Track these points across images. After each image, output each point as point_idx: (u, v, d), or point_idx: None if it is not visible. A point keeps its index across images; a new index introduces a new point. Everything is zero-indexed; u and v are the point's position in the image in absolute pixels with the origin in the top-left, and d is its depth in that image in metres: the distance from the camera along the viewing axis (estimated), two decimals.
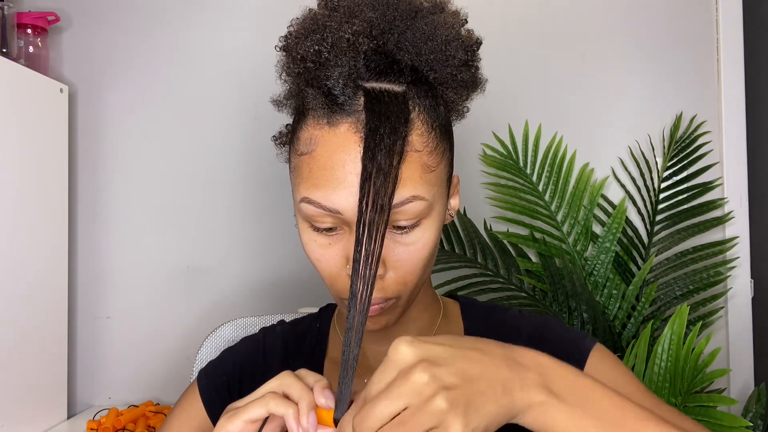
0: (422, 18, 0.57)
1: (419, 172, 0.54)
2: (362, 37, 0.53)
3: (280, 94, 0.62)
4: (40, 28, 1.48)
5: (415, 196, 0.53)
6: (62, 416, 1.47)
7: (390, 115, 0.52)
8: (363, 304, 0.47)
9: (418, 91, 0.55)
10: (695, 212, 1.41)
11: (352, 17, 0.54)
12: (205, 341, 0.93)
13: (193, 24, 1.59)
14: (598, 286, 1.37)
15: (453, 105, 0.61)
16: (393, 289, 0.57)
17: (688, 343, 0.99)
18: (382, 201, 0.49)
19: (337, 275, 0.57)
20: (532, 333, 0.67)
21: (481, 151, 1.50)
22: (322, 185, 0.53)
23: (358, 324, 0.47)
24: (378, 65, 0.55)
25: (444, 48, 0.56)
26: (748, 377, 1.46)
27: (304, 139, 0.55)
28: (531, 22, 1.52)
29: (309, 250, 0.58)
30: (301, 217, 0.57)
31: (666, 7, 1.50)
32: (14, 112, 1.31)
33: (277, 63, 0.59)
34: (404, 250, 0.56)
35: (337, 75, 0.53)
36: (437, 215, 0.57)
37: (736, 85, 1.47)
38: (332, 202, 0.53)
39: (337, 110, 0.53)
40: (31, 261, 1.36)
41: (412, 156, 0.53)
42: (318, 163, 0.53)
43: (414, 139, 0.54)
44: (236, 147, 1.57)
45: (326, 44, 0.53)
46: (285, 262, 1.55)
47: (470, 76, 0.60)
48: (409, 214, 0.54)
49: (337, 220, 0.54)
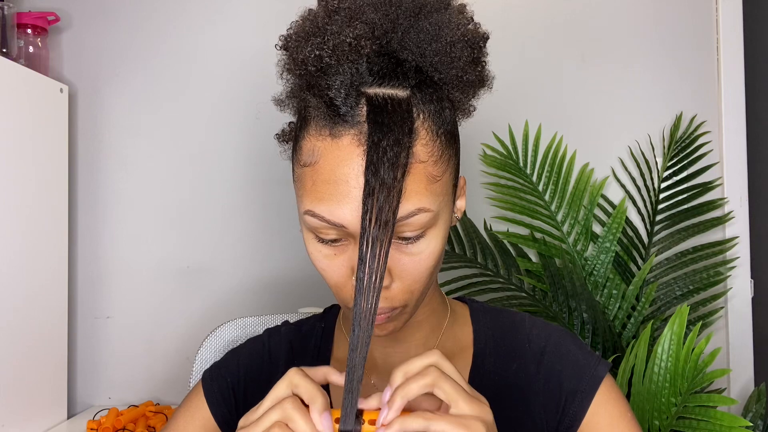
0: (426, 16, 0.55)
1: (424, 184, 0.52)
2: (364, 40, 0.52)
3: (282, 93, 0.61)
4: (40, 28, 1.48)
5: (421, 209, 0.52)
6: (62, 416, 1.47)
7: (393, 126, 0.50)
8: (367, 322, 0.46)
9: (422, 95, 0.54)
10: (695, 212, 1.41)
11: (354, 20, 0.53)
12: (205, 341, 0.93)
13: (194, 24, 1.59)
14: (598, 286, 1.37)
15: (459, 104, 0.60)
16: (399, 298, 0.56)
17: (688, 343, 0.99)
18: (386, 216, 0.48)
19: (343, 285, 0.56)
20: (543, 344, 0.67)
21: (481, 151, 1.50)
22: (326, 199, 0.52)
23: (362, 344, 0.46)
24: (381, 68, 0.53)
25: (449, 50, 0.55)
26: (748, 377, 1.46)
27: (307, 149, 0.54)
28: (531, 21, 1.52)
29: (314, 260, 0.57)
30: (306, 228, 0.56)
31: (666, 7, 1.50)
32: (14, 112, 1.31)
33: (278, 62, 0.58)
34: (410, 260, 0.55)
35: (339, 84, 0.52)
36: (443, 223, 0.56)
37: (736, 85, 1.47)
38: (336, 216, 0.52)
39: (339, 121, 0.51)
40: (31, 261, 1.36)
41: (417, 167, 0.52)
42: (321, 176, 0.52)
43: (418, 149, 0.52)
44: (237, 147, 1.57)
45: (327, 49, 0.52)
46: (285, 262, 1.55)
47: (477, 75, 0.58)
48: (415, 226, 0.53)
49: (341, 233, 0.54)
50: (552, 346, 0.67)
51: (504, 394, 0.65)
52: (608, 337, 1.26)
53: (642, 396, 1.01)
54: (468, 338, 0.69)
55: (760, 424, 1.22)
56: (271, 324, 0.92)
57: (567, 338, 0.68)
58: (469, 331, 0.69)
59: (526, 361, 0.66)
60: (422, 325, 0.67)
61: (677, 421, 0.98)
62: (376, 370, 0.68)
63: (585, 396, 0.64)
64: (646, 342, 1.06)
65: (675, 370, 0.99)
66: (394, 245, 0.54)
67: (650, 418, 1.00)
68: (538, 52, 1.52)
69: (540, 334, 0.68)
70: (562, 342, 0.67)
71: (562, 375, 0.65)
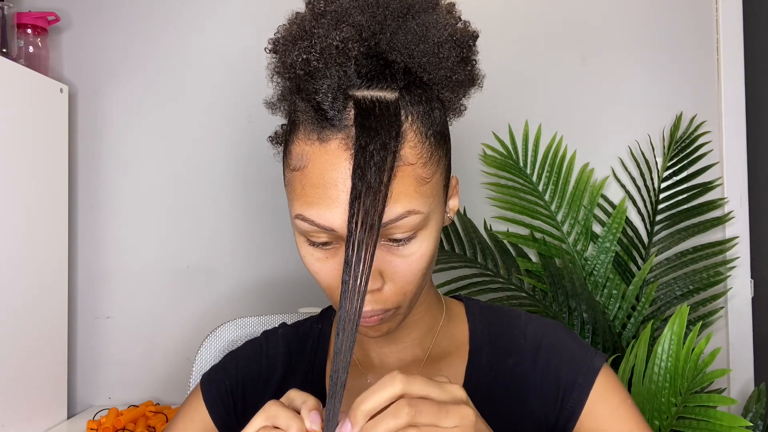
0: (414, 17, 0.55)
1: (413, 186, 0.52)
2: (352, 43, 0.52)
3: (272, 96, 0.61)
4: (40, 28, 1.48)
5: (410, 211, 0.52)
6: (62, 416, 1.47)
7: (380, 130, 0.50)
8: (352, 326, 0.46)
9: (411, 97, 0.54)
10: (695, 212, 1.41)
11: (340, 23, 0.53)
12: (205, 341, 0.93)
13: (194, 24, 1.59)
14: (598, 286, 1.37)
15: (450, 104, 0.60)
16: (392, 300, 0.56)
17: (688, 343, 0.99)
18: (371, 220, 0.48)
19: (336, 287, 0.56)
20: (539, 340, 0.67)
21: (481, 151, 1.50)
22: (315, 203, 0.52)
23: (346, 348, 0.46)
24: (369, 70, 0.53)
25: (437, 50, 0.54)
26: (748, 377, 1.46)
27: (296, 154, 0.54)
28: (531, 21, 1.52)
29: (307, 263, 0.57)
30: (297, 231, 0.56)
31: (666, 7, 1.50)
32: (14, 112, 1.31)
33: (268, 65, 0.58)
34: (401, 261, 0.55)
35: (326, 88, 0.51)
36: (435, 224, 0.56)
37: (736, 85, 1.47)
38: (326, 220, 0.52)
39: (327, 125, 0.51)
40: (31, 261, 1.36)
41: (405, 170, 0.52)
42: (310, 181, 0.52)
43: (407, 152, 0.52)
44: (236, 147, 1.57)
45: (315, 52, 0.52)
46: (285, 262, 1.55)
47: (466, 74, 0.58)
48: (405, 228, 0.53)
49: (332, 236, 0.54)
50: (548, 341, 0.67)
51: (501, 390, 0.65)
52: (608, 337, 1.26)
53: (642, 396, 1.01)
54: (464, 336, 0.69)
55: (760, 424, 1.22)
56: (270, 324, 0.92)
57: (562, 333, 0.68)
58: (465, 328, 0.70)
59: (522, 357, 0.66)
60: (418, 324, 0.67)
61: (677, 421, 0.98)
62: (373, 370, 0.68)
63: (583, 388, 0.64)
64: (646, 342, 1.06)
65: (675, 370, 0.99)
66: (385, 247, 0.54)
67: (650, 418, 1.00)
68: (538, 52, 1.52)
69: (535, 329, 0.68)
70: (558, 336, 0.68)
71: (559, 368, 0.65)
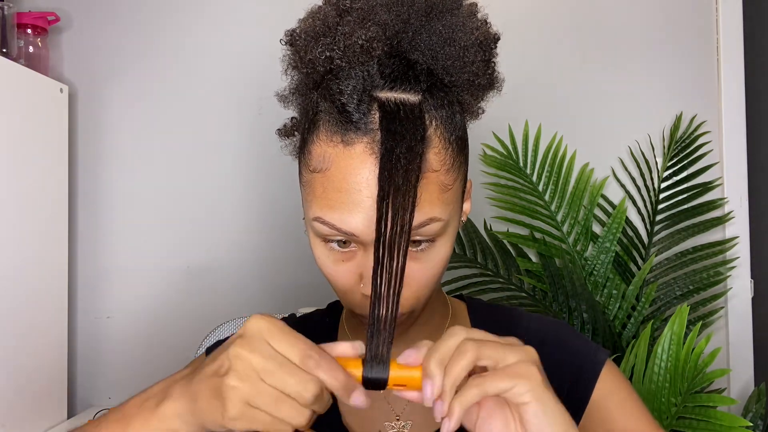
0: (438, 16, 0.54)
1: (436, 193, 0.52)
2: (376, 42, 0.51)
3: (285, 89, 0.60)
4: (40, 28, 1.48)
5: (432, 219, 0.52)
6: (62, 416, 1.47)
7: (406, 134, 0.49)
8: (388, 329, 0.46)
9: (434, 100, 0.53)
10: (695, 212, 1.41)
11: (366, 21, 0.52)
12: (205, 341, 0.93)
13: (194, 22, 1.59)
14: (598, 286, 1.37)
15: (468, 107, 0.60)
16: (407, 304, 0.56)
17: (688, 343, 0.99)
18: (402, 221, 0.47)
19: (350, 290, 0.56)
20: (542, 337, 0.67)
21: (481, 151, 1.50)
22: (337, 207, 0.51)
23: (383, 353, 0.46)
24: (393, 71, 0.52)
25: (463, 54, 0.54)
26: (748, 377, 1.46)
27: (317, 155, 0.53)
28: (531, 21, 1.52)
29: (321, 264, 0.57)
30: (314, 233, 0.55)
31: (666, 8, 1.50)
32: (14, 112, 1.31)
33: (283, 57, 0.57)
34: (419, 267, 0.54)
35: (351, 89, 0.51)
36: (452, 230, 0.56)
37: (736, 85, 1.47)
38: (348, 225, 0.51)
39: (352, 128, 0.50)
40: (31, 261, 1.36)
41: (429, 176, 0.51)
42: (333, 184, 0.51)
43: (431, 158, 0.51)
44: (236, 147, 1.57)
45: (338, 50, 0.51)
46: (285, 262, 1.55)
47: (488, 78, 0.58)
48: (425, 235, 0.53)
49: (350, 239, 0.53)
50: (550, 338, 0.67)
51: None
52: (608, 337, 1.26)
53: (642, 396, 1.01)
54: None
55: (760, 424, 1.22)
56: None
57: (565, 329, 0.69)
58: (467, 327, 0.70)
59: None
60: (425, 324, 0.67)
61: (677, 421, 0.98)
62: None
63: (587, 383, 0.64)
64: (646, 342, 1.06)
65: (675, 370, 0.99)
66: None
67: None
68: (538, 52, 1.52)
69: (538, 327, 0.68)
70: (560, 333, 0.68)
71: (563, 365, 0.65)
